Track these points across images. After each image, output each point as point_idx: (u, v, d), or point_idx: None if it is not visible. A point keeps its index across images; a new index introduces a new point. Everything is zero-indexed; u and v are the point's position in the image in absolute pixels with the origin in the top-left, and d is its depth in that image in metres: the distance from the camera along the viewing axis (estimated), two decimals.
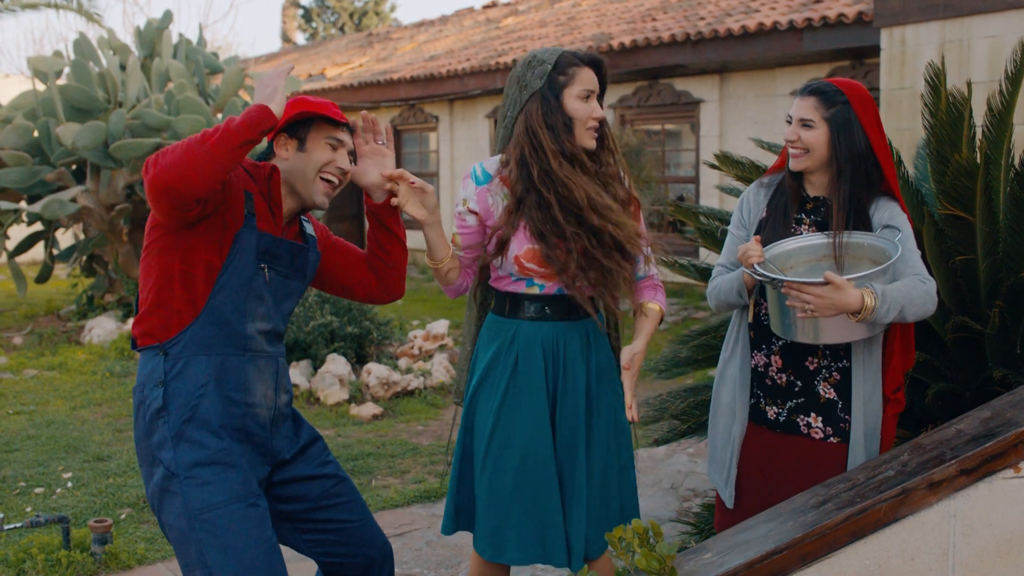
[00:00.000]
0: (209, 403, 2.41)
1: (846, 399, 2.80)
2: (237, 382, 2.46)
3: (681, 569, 2.15)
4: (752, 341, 2.92)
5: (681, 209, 4.11)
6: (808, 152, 2.76)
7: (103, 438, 6.13)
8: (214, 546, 2.34)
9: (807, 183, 2.87)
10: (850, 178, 2.74)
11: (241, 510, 2.38)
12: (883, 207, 2.77)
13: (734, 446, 2.94)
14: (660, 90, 12.41)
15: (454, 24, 20.83)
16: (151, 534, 4.50)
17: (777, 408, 2.87)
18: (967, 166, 3.16)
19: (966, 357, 3.35)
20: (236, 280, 2.44)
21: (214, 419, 2.41)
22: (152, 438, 2.43)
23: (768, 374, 2.89)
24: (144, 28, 10.98)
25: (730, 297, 2.88)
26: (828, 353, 2.81)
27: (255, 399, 2.50)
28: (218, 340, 2.43)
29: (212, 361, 2.42)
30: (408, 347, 8.08)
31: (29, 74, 11.19)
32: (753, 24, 10.42)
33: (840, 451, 2.80)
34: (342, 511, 2.69)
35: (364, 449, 5.87)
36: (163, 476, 2.40)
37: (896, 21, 7.63)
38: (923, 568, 2.23)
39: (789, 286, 2.59)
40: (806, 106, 2.75)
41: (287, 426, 2.64)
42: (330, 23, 36.77)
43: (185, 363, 2.41)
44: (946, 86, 3.41)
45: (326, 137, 2.54)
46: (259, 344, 2.51)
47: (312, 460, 2.68)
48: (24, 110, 10.28)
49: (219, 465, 2.40)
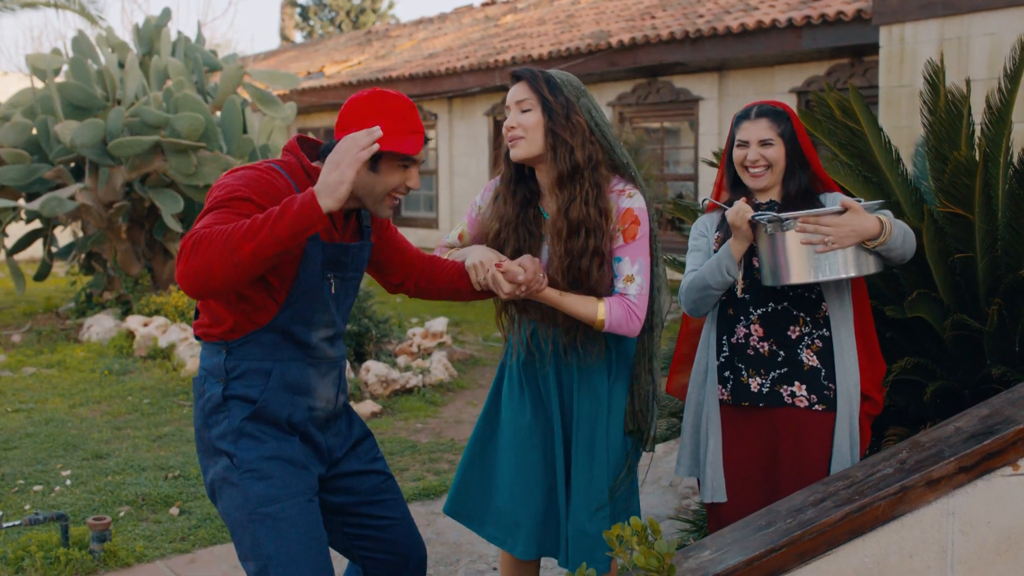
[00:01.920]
0: (272, 405, 2.42)
1: (829, 367, 2.87)
2: (300, 387, 2.46)
3: (680, 567, 2.15)
4: (731, 317, 2.97)
5: (680, 207, 4.11)
6: (770, 167, 2.92)
7: (102, 436, 6.13)
8: (270, 539, 2.36)
9: (758, 194, 2.99)
10: (799, 181, 2.94)
11: (299, 505, 2.40)
12: (831, 198, 2.94)
13: (705, 436, 2.97)
14: (659, 88, 12.41)
15: (453, 22, 20.82)
16: (150, 532, 4.50)
17: (760, 379, 2.91)
18: (966, 164, 3.16)
19: (965, 355, 3.35)
20: (304, 293, 2.43)
21: (276, 417, 2.43)
22: (212, 431, 2.45)
23: (749, 344, 2.93)
24: (143, 26, 10.97)
25: (714, 278, 2.87)
26: (809, 320, 2.89)
27: (317, 403, 2.51)
28: (283, 347, 2.44)
29: (276, 367, 2.43)
30: (407, 345, 8.08)
31: (28, 72, 11.19)
32: (752, 22, 10.42)
33: (827, 419, 2.86)
34: (388, 508, 2.70)
35: None
36: (225, 467, 2.42)
37: (895, 19, 7.63)
38: (921, 566, 2.23)
39: (806, 220, 2.68)
40: (761, 128, 2.92)
41: (341, 422, 2.65)
42: (327, 21, 36.76)
43: (249, 366, 2.42)
44: (945, 84, 3.41)
45: (400, 160, 2.42)
46: (323, 351, 2.51)
47: (363, 456, 2.69)
48: (23, 108, 10.27)
49: (280, 460, 2.42)
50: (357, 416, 2.75)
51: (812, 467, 2.84)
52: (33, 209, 9.43)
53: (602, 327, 2.76)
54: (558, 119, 2.74)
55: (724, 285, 2.88)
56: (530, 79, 2.79)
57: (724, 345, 2.98)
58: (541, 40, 14.37)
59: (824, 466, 2.85)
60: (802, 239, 2.69)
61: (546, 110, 2.75)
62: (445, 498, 3.14)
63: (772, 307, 2.92)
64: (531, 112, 2.76)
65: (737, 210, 2.79)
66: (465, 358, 8.40)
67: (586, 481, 2.86)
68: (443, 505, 3.13)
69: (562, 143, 2.74)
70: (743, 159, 2.93)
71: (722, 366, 2.98)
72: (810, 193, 2.95)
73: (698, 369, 3.04)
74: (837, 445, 2.84)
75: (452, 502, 3.11)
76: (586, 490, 2.85)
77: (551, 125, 2.74)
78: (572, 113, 2.76)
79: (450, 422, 6.62)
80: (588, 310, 2.75)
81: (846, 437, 2.83)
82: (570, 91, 2.78)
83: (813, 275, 2.72)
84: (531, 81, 2.78)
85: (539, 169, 2.84)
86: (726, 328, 2.98)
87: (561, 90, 2.77)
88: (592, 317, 2.75)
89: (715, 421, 2.96)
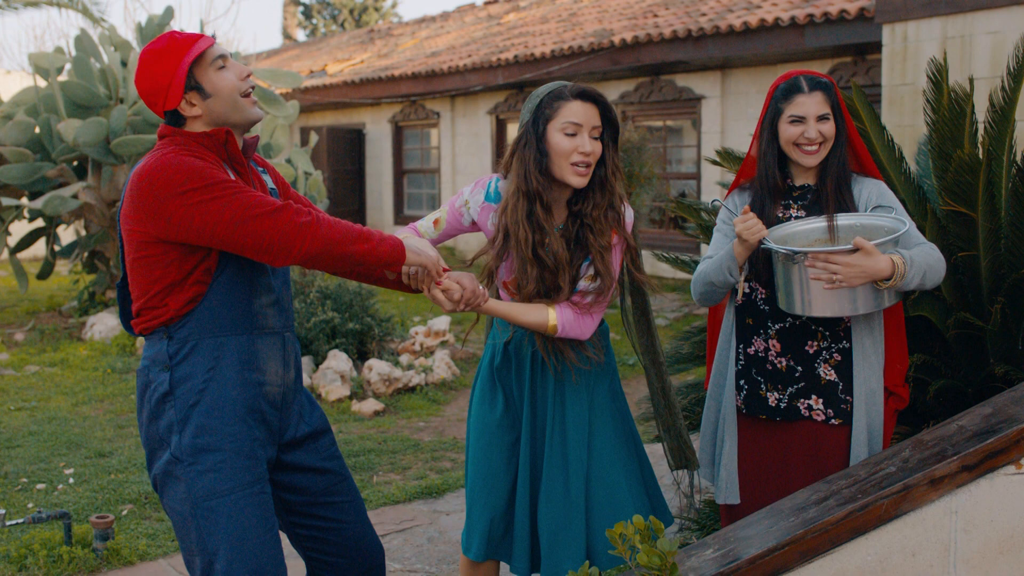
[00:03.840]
0: (218, 385, 2.38)
1: (847, 380, 2.80)
2: (247, 361, 2.42)
3: (682, 565, 2.15)
4: (750, 327, 2.92)
5: (682, 206, 4.11)
6: (824, 143, 2.79)
7: (105, 434, 6.14)
8: (215, 533, 2.33)
9: (795, 172, 2.89)
10: (839, 162, 2.81)
11: (245, 498, 2.36)
12: (868, 187, 2.83)
13: (721, 438, 2.96)
14: (662, 86, 12.40)
15: (455, 20, 20.82)
16: (153, 530, 4.50)
17: (778, 394, 2.87)
18: (969, 162, 3.16)
19: (968, 353, 3.34)
20: (237, 260, 2.40)
21: (224, 401, 2.38)
22: (159, 421, 2.40)
23: (768, 359, 2.89)
24: (145, 24, 10.96)
25: (718, 276, 2.81)
26: (828, 335, 2.81)
27: (266, 377, 2.46)
28: (225, 320, 2.39)
29: (220, 342, 2.39)
30: (410, 343, 8.08)
31: (30, 70, 11.19)
32: (755, 20, 10.41)
33: (842, 433, 2.81)
34: (339, 511, 2.65)
35: (365, 445, 5.87)
36: (168, 460, 2.38)
37: (898, 17, 7.62)
38: (924, 564, 2.23)
39: (815, 257, 2.57)
40: (818, 101, 2.76)
41: (298, 403, 2.61)
42: (330, 19, 36.76)
43: (193, 346, 2.38)
44: (948, 82, 3.41)
45: (212, 64, 2.43)
46: (266, 319, 2.47)
47: (319, 452, 2.64)
48: (26, 106, 10.27)
49: (225, 451, 2.37)
50: (319, 407, 2.70)
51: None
52: (36, 208, 9.43)
53: (555, 332, 2.74)
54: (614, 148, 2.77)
55: (726, 285, 2.84)
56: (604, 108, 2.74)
57: (740, 354, 2.95)
58: (543, 39, 14.36)
59: None
60: (811, 275, 2.60)
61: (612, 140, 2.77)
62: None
63: (790, 322, 2.85)
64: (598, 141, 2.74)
65: (749, 227, 2.66)
66: (468, 356, 8.40)
67: (561, 489, 2.83)
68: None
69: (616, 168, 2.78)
70: (797, 136, 2.77)
71: (738, 374, 2.95)
72: (847, 175, 2.82)
73: (717, 371, 3.00)
74: (854, 458, 2.78)
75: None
76: (562, 498, 2.82)
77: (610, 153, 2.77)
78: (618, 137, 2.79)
79: (453, 421, 6.62)
80: (538, 318, 2.73)
81: (864, 451, 2.77)
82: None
83: (821, 310, 2.65)
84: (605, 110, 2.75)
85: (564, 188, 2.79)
86: (743, 338, 2.93)
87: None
88: (543, 323, 2.73)
89: (731, 425, 2.93)
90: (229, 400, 2.39)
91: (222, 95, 2.43)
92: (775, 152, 2.86)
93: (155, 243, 2.34)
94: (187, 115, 2.44)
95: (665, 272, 11.57)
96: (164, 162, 2.31)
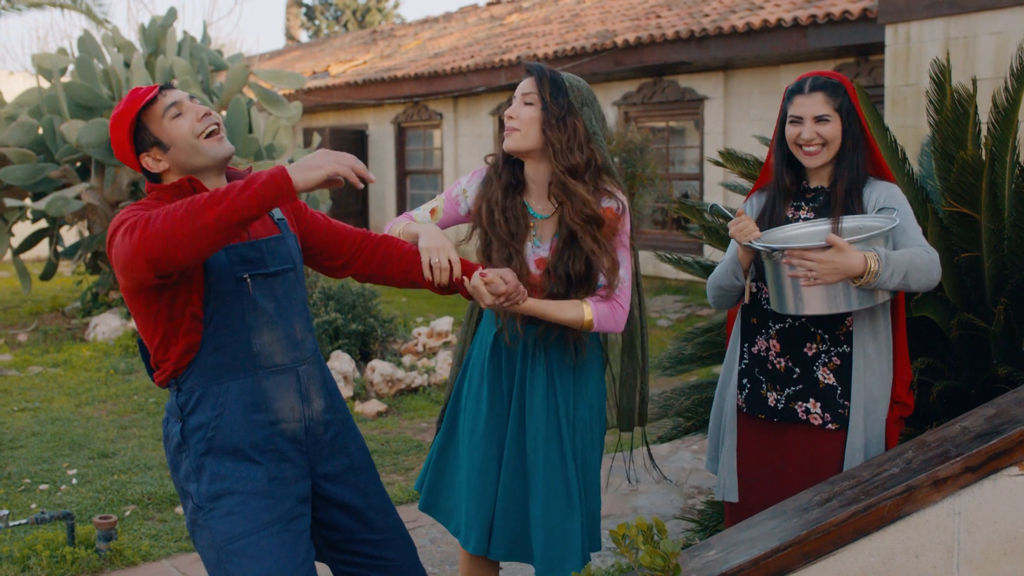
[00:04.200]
0: (226, 431, 2.35)
1: (845, 385, 2.79)
2: (253, 403, 2.37)
3: (685, 566, 2.15)
4: (754, 327, 2.93)
5: (685, 206, 4.11)
6: (826, 145, 2.79)
7: (108, 435, 6.14)
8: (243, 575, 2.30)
9: (810, 174, 2.89)
10: (851, 165, 2.80)
11: (266, 538, 2.33)
12: (878, 189, 2.82)
13: (723, 434, 2.98)
14: (664, 87, 12.40)
15: (458, 21, 20.82)
16: (156, 531, 4.50)
17: (776, 395, 2.88)
18: (972, 163, 3.15)
19: (971, 355, 3.34)
20: (223, 301, 2.35)
21: (233, 445, 2.35)
22: (179, 472, 2.41)
23: (768, 358, 2.90)
24: (148, 25, 10.98)
25: (725, 280, 2.86)
26: (827, 338, 2.81)
27: (279, 415, 2.40)
28: (225, 364, 2.36)
29: (223, 388, 2.35)
30: (412, 344, 8.08)
31: (34, 71, 11.20)
32: (758, 21, 10.41)
33: (838, 438, 2.80)
34: (381, 548, 2.59)
35: (369, 446, 5.83)
36: (192, 509, 2.38)
37: (901, 18, 7.61)
38: (928, 566, 2.22)
39: (791, 253, 2.59)
40: (816, 102, 2.77)
41: (330, 435, 2.53)
42: (333, 20, 36.77)
43: (200, 395, 2.36)
44: (951, 83, 3.41)
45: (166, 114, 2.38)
46: (272, 357, 2.40)
47: (359, 488, 2.57)
48: (29, 107, 10.28)
49: (241, 494, 2.34)
50: (360, 439, 2.64)
51: None
52: (39, 208, 9.44)
53: (591, 327, 2.78)
54: (551, 119, 2.75)
55: (734, 288, 2.86)
56: (538, 75, 2.79)
57: (744, 353, 2.96)
58: (546, 39, 14.37)
59: None
60: (788, 271, 2.62)
61: (544, 108, 2.76)
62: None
63: (790, 323, 2.85)
64: (532, 107, 2.77)
65: (740, 228, 2.69)
66: None
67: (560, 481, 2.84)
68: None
69: (557, 142, 2.75)
70: (795, 137, 2.80)
71: (741, 373, 2.96)
72: (860, 179, 2.81)
73: (725, 370, 3.03)
74: (847, 466, 2.76)
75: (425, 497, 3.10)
76: (561, 488, 2.83)
77: (546, 124, 2.75)
78: (569, 116, 2.76)
79: None
80: (574, 314, 2.75)
81: (860, 458, 2.75)
82: (575, 95, 2.78)
83: (814, 308, 2.65)
84: (538, 77, 2.79)
85: (529, 163, 2.86)
86: (747, 336, 2.95)
87: (566, 93, 2.78)
88: (579, 319, 2.76)
89: (732, 423, 2.95)
90: (238, 443, 2.36)
91: (179, 144, 2.39)
92: (785, 153, 2.89)
93: (134, 296, 2.33)
94: (157, 170, 2.42)
95: (668, 273, 11.56)
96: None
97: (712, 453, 3.09)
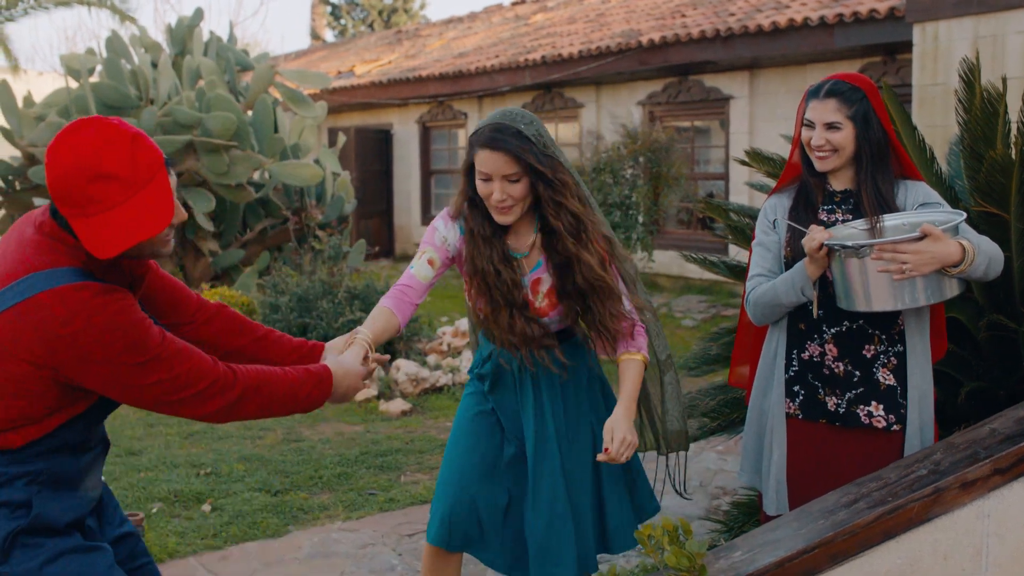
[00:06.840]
0: (47, 513, 2.14)
1: (904, 384, 2.77)
2: (71, 481, 2.23)
3: (711, 567, 2.14)
4: (803, 333, 2.86)
5: (711, 206, 4.09)
6: (836, 152, 2.77)
7: (134, 433, 6.19)
8: None
9: (832, 178, 2.87)
10: (874, 168, 2.78)
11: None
12: (912, 190, 2.81)
13: (770, 447, 2.91)
14: (690, 87, 12.37)
15: (483, 21, 20.84)
16: (182, 528, 4.53)
17: (836, 399, 2.82)
18: (1002, 162, 3.13)
19: (1000, 355, 3.31)
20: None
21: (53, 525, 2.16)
22: None
23: (824, 363, 2.83)
24: (175, 26, 11.06)
25: (788, 298, 2.76)
26: (884, 338, 2.78)
27: (89, 493, 2.31)
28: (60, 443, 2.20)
29: (44, 466, 2.15)
30: (437, 343, 8.10)
31: (62, 71, 11.30)
32: (784, 20, 10.36)
33: (895, 438, 2.77)
34: (149, 572, 2.51)
35: (393, 445, 5.89)
36: None
37: (929, 16, 7.56)
38: (956, 568, 2.21)
39: (883, 248, 2.53)
40: (828, 109, 2.75)
41: (103, 501, 2.47)
42: (359, 20, 36.89)
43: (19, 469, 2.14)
44: (980, 82, 3.38)
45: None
46: (97, 434, 2.35)
47: (113, 521, 2.49)
48: (57, 107, 10.38)
49: (73, 553, 2.16)
50: (118, 505, 2.58)
51: None
52: None
53: (646, 360, 2.86)
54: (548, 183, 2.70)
55: (798, 304, 2.79)
56: (516, 153, 2.64)
57: (794, 360, 2.88)
58: (571, 39, 14.36)
59: None
60: (879, 267, 2.54)
61: (537, 177, 2.68)
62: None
63: (847, 326, 2.79)
64: (520, 183, 2.69)
65: (812, 239, 2.63)
66: None
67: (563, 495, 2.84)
68: None
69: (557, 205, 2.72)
70: (807, 141, 2.80)
71: (791, 380, 2.88)
72: (886, 178, 2.79)
73: (762, 376, 2.95)
74: None
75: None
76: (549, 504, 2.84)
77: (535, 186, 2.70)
78: (558, 172, 2.71)
79: None
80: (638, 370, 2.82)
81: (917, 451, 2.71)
82: (536, 136, 2.69)
83: (892, 303, 2.59)
84: (517, 154, 2.64)
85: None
86: (797, 343, 2.87)
87: (539, 146, 2.68)
88: (643, 369, 2.84)
89: (780, 434, 2.88)
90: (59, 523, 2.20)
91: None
92: (804, 155, 2.88)
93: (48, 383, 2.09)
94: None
95: (692, 273, 11.52)
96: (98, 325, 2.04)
97: (750, 465, 3.01)
